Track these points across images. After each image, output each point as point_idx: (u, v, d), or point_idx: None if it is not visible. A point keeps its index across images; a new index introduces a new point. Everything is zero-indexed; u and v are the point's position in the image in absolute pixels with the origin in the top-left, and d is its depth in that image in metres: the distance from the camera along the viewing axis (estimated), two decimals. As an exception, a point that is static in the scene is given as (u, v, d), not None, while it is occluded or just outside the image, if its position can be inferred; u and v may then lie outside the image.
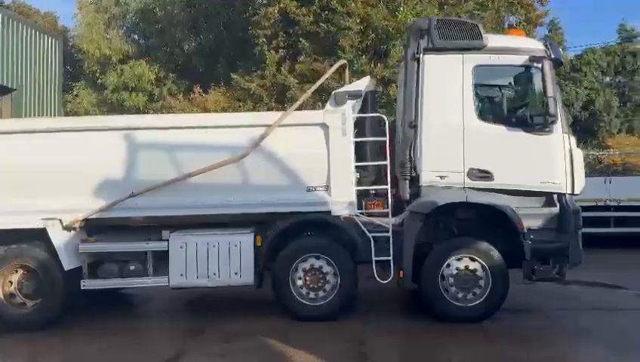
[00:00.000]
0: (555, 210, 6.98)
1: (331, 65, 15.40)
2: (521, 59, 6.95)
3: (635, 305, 8.01)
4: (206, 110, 16.36)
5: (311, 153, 6.97)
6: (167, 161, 7.03)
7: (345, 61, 7.19)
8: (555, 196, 7.01)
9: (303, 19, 16.04)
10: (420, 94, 6.95)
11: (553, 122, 6.77)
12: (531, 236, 6.84)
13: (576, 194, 7.03)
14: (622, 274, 9.58)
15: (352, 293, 7.09)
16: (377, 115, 7.16)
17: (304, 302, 7.02)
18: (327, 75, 7.22)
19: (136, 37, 22.71)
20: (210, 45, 20.50)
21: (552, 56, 6.88)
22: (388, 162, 7.03)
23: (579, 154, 7.05)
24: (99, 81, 21.78)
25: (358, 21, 14.92)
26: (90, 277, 7.05)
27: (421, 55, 6.96)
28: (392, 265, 6.92)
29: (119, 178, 7.02)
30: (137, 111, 20.02)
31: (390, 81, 14.97)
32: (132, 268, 7.09)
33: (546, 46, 7.01)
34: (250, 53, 18.22)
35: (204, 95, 17.80)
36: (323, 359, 5.62)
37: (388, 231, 6.96)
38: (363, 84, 6.99)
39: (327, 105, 6.95)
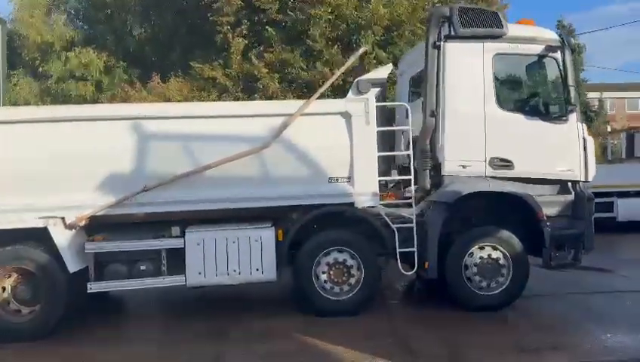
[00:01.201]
0: (570, 197, 7.14)
1: (301, 55, 15.40)
2: (539, 49, 7.02)
3: (631, 287, 8.31)
4: (167, 100, 15.60)
5: (333, 143, 6.75)
6: (181, 153, 6.59)
7: (366, 48, 6.96)
8: (570, 183, 7.15)
9: (268, 7, 15.61)
10: (442, 82, 6.88)
11: (572, 110, 6.89)
12: (548, 223, 6.94)
13: (588, 181, 7.20)
14: (599, 257, 9.79)
15: (377, 287, 6.96)
16: (400, 103, 7.01)
17: (328, 296, 6.82)
18: (349, 63, 6.99)
19: (80, 23, 21.35)
20: (163, 33, 19.57)
21: (569, 45, 6.99)
22: (411, 152, 6.91)
23: (591, 142, 7.21)
24: (40, 69, 20.32)
25: (329, 10, 14.67)
26: (97, 279, 6.52)
27: (442, 43, 6.88)
28: (415, 256, 6.82)
29: (129, 171, 6.52)
30: (85, 102, 18.83)
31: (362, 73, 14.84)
32: (143, 267, 6.63)
33: (560, 36, 7.10)
34: (210, 40, 17.56)
35: (162, 84, 16.95)
36: (374, 355, 5.44)
37: (411, 222, 6.86)
38: (386, 71, 6.81)
39: (349, 94, 6.73)
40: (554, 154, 7.07)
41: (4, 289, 6.50)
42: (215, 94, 15.86)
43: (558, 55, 6.98)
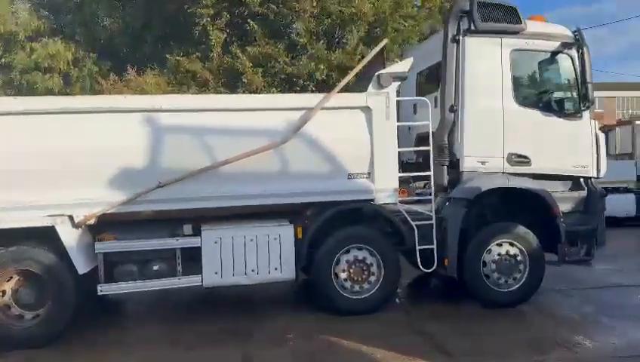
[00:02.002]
0: (583, 193, 7.20)
1: (285, 49, 15.13)
2: (555, 45, 7.05)
3: (627, 281, 8.49)
4: (144, 93, 15.04)
5: (352, 138, 6.59)
6: (196, 147, 6.29)
7: (387, 41, 6.81)
8: (582, 180, 7.21)
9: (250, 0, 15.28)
10: (461, 77, 6.80)
11: (588, 107, 6.94)
12: (561, 219, 6.98)
13: (600, 178, 7.27)
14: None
15: (396, 285, 6.83)
16: (420, 98, 6.89)
17: (347, 295, 6.67)
18: (369, 57, 6.79)
19: (47, 12, 20.36)
20: (135, 23, 18.87)
21: (584, 42, 7.02)
22: (430, 148, 6.81)
23: (602, 139, 7.28)
24: (2, 60, 19.32)
25: (314, 4, 14.44)
26: (107, 280, 6.16)
27: (461, 37, 6.80)
28: (435, 252, 6.73)
29: (141, 167, 6.17)
30: (52, 94, 17.99)
31: (347, 68, 14.73)
32: (156, 267, 6.32)
33: (575, 33, 7.13)
34: (186, 32, 17.07)
35: (137, 77, 16.35)
36: (407, 354, 5.31)
37: (429, 219, 6.77)
38: (407, 65, 6.68)
39: (370, 88, 6.56)
40: (568, 150, 7.11)
41: (4, 292, 6.07)
42: (195, 88, 15.44)
43: (574, 52, 7.02)
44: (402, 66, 6.65)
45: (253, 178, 6.37)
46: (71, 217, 6.05)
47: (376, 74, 6.56)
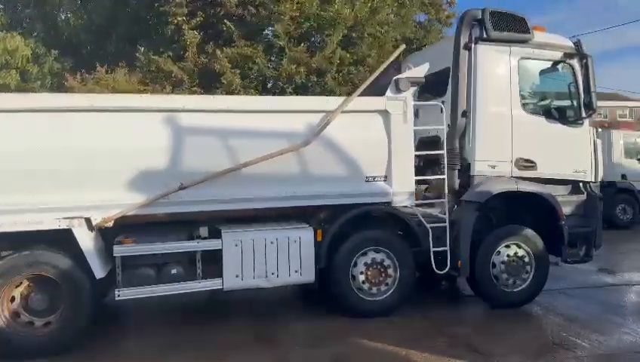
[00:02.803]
0: (583, 197, 7.53)
1: (264, 51, 15.04)
2: (558, 55, 7.35)
3: (617, 281, 8.95)
4: (115, 91, 14.58)
5: (370, 141, 6.63)
6: (217, 149, 6.17)
7: (404, 46, 6.88)
8: (581, 184, 7.54)
9: (226, 0, 15.11)
10: (473, 83, 6.98)
11: (591, 115, 7.27)
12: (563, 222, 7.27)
13: (596, 182, 7.62)
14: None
15: (412, 287, 6.91)
16: (435, 102, 7.02)
17: (363, 297, 6.70)
18: (389, 61, 6.84)
19: (2, 6, 19.40)
20: (101, 20, 18.28)
21: (583, 52, 7.35)
22: (445, 152, 6.94)
23: (599, 145, 7.64)
24: (-45, 55, 18.28)
25: (294, 8, 14.42)
26: (125, 285, 5.96)
27: (473, 44, 6.98)
28: (448, 255, 6.87)
29: (161, 168, 5.99)
30: (9, 91, 17.16)
31: (326, 72, 14.84)
32: (174, 271, 6.14)
33: (575, 44, 7.45)
34: (157, 31, 16.73)
35: (107, 75, 15.84)
36: (445, 355, 5.42)
37: (443, 222, 6.91)
38: (423, 71, 6.79)
39: (388, 92, 6.63)
40: (570, 156, 7.41)
41: (13, 299, 5.76)
42: (169, 87, 15.12)
43: (575, 62, 7.34)
44: (419, 71, 6.76)
45: (273, 180, 6.30)
46: (88, 219, 5.81)
47: (394, 78, 6.64)
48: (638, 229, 15.74)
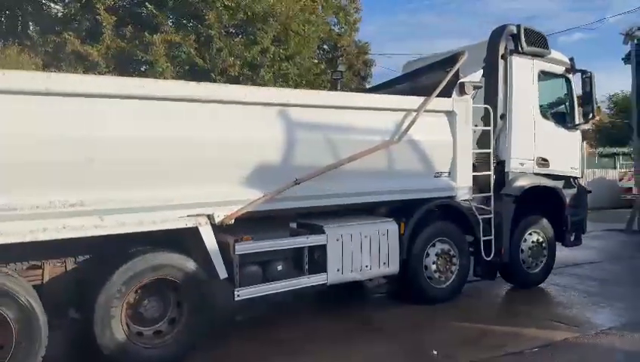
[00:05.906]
0: (574, 190, 8.85)
1: (196, 40, 14.42)
2: (562, 69, 8.56)
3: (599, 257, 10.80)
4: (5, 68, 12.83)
5: (439, 139, 7.13)
6: (323, 144, 6.16)
7: (465, 54, 7.35)
8: (572, 179, 8.87)
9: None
10: (509, 90, 7.84)
11: (588, 121, 8.61)
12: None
13: (582, 177, 9.04)
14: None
15: (467, 274, 7.55)
16: (484, 105, 7.70)
17: (433, 285, 7.18)
18: (459, 65, 7.25)
19: None
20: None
21: (574, 68, 8.66)
22: (492, 150, 7.68)
23: (584, 146, 9.05)
24: None
25: (228, -3, 14.05)
26: (243, 284, 5.68)
27: (508, 56, 7.85)
28: (493, 243, 7.64)
29: (276, 163, 5.83)
30: None
31: (259, 66, 14.81)
32: (280, 268, 6.01)
33: (570, 60, 8.74)
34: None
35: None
36: (541, 327, 6.22)
37: (488, 213, 7.66)
38: (478, 76, 7.44)
39: (454, 94, 7.18)
40: (568, 155, 8.67)
41: (128, 306, 5.15)
42: (80, 70, 13.79)
43: (571, 76, 8.63)
44: (477, 76, 7.42)
45: (368, 175, 6.48)
46: (210, 216, 5.44)
47: (459, 82, 7.22)
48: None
